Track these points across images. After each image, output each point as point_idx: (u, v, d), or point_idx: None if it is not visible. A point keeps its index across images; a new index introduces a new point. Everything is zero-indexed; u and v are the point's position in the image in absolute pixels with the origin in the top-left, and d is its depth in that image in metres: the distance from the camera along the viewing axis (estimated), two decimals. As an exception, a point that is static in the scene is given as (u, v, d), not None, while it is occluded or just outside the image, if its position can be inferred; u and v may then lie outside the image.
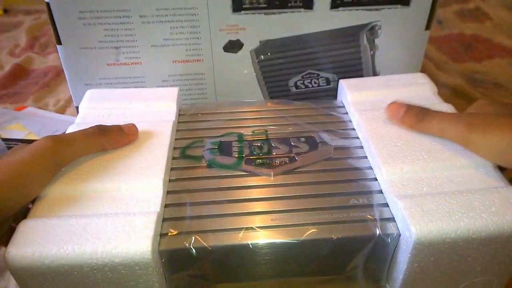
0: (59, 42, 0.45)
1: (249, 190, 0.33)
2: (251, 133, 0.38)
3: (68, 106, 0.67)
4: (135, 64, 0.47)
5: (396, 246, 0.29)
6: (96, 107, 0.40)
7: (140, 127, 0.36)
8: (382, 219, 0.30)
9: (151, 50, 0.46)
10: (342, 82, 0.43)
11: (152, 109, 0.40)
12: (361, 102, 0.40)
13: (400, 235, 0.29)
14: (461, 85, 0.67)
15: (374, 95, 0.41)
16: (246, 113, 0.41)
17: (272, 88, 0.51)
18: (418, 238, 0.27)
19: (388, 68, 0.50)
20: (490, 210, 0.28)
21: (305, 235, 0.29)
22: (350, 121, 0.40)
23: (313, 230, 0.29)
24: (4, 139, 0.54)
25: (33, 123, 0.59)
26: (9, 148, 0.52)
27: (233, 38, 0.47)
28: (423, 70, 0.50)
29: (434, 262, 0.29)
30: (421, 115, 0.34)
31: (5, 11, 1.18)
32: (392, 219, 0.30)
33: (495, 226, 0.27)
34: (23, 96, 0.70)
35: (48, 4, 0.42)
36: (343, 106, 0.43)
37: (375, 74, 0.51)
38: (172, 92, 0.41)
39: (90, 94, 0.42)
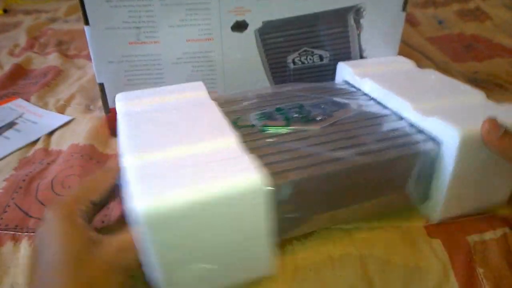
0: (87, 23, 0.50)
1: (302, 141, 0.38)
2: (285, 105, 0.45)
3: (67, 106, 0.67)
4: (154, 43, 0.52)
5: (438, 158, 0.36)
6: (136, 107, 0.41)
7: (182, 108, 0.40)
8: (422, 141, 0.37)
9: (168, 30, 0.52)
10: (342, 64, 0.52)
11: (187, 96, 0.44)
12: (366, 73, 0.49)
13: (442, 143, 0.36)
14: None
15: (372, 69, 0.51)
16: (268, 95, 0.48)
17: (273, 65, 0.57)
18: (462, 137, 0.34)
19: (371, 45, 0.57)
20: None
21: (364, 161, 0.35)
22: (355, 92, 0.49)
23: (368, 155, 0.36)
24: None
25: (31, 127, 0.60)
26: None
27: (240, 19, 0.53)
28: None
29: (475, 165, 0.36)
30: None
31: (5, 11, 1.18)
32: (428, 139, 0.37)
33: None
34: (23, 96, 0.69)
35: (79, -12, 0.48)
36: (344, 83, 0.51)
37: (361, 50, 0.57)
38: (199, 83, 0.47)
39: (121, 96, 0.44)
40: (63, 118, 0.62)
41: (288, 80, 0.58)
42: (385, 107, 0.44)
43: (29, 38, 0.98)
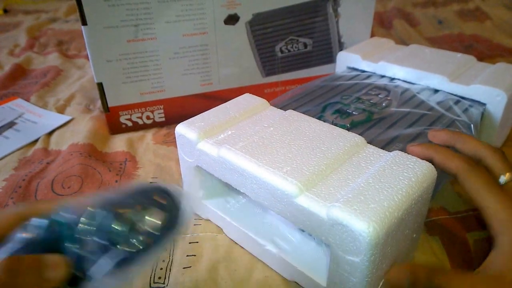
0: (84, 23, 0.49)
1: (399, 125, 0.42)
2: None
3: (67, 106, 0.67)
4: (151, 39, 0.52)
5: (483, 116, 0.43)
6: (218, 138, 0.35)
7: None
8: (467, 107, 0.44)
9: (165, 26, 0.52)
10: (343, 53, 0.55)
11: (254, 110, 0.39)
12: (375, 58, 0.53)
13: (485, 104, 0.43)
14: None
15: (375, 53, 0.55)
16: (310, 95, 0.48)
17: (263, 54, 0.59)
18: (508, 96, 0.42)
19: (348, 30, 0.63)
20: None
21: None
22: (371, 75, 0.52)
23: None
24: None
25: (31, 127, 0.60)
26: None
27: (232, 12, 0.54)
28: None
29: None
30: None
31: (5, 11, 1.18)
32: (472, 104, 0.44)
33: None
34: (23, 96, 0.69)
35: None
36: (351, 70, 0.54)
37: (339, 36, 0.63)
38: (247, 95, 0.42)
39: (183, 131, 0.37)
40: (63, 118, 0.62)
41: (277, 68, 0.61)
42: (413, 84, 0.48)
43: (29, 38, 0.97)
